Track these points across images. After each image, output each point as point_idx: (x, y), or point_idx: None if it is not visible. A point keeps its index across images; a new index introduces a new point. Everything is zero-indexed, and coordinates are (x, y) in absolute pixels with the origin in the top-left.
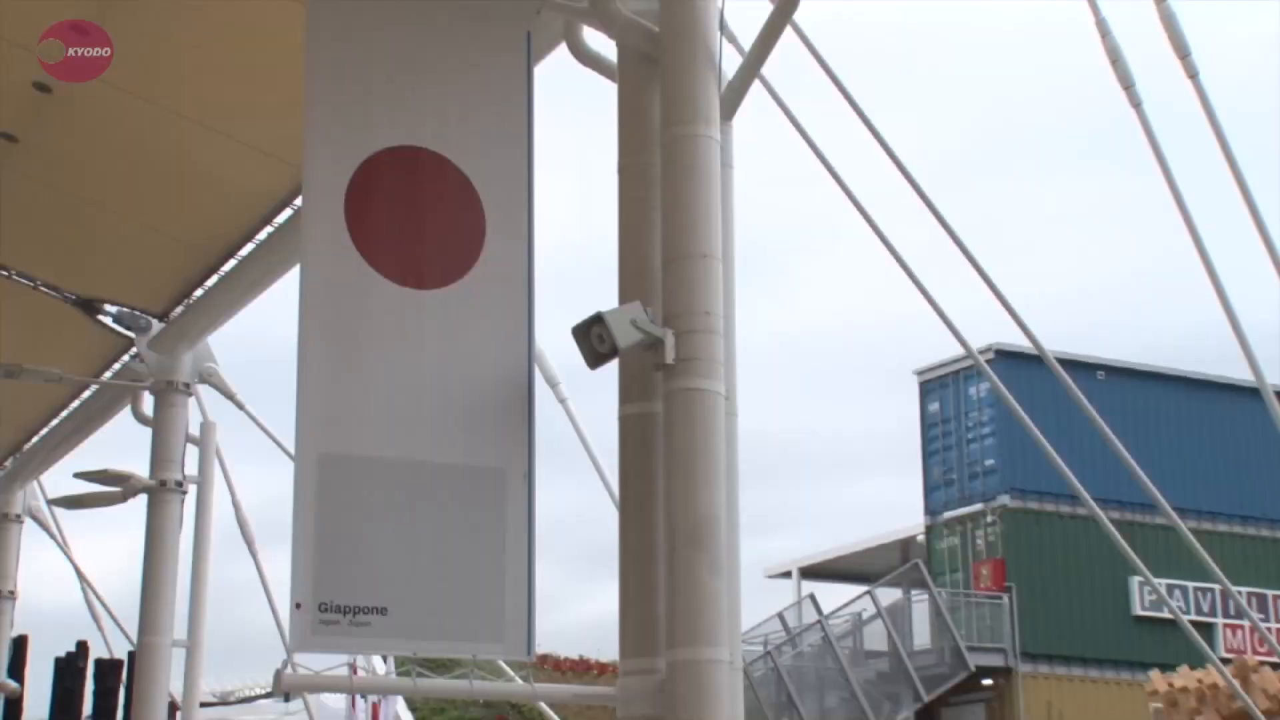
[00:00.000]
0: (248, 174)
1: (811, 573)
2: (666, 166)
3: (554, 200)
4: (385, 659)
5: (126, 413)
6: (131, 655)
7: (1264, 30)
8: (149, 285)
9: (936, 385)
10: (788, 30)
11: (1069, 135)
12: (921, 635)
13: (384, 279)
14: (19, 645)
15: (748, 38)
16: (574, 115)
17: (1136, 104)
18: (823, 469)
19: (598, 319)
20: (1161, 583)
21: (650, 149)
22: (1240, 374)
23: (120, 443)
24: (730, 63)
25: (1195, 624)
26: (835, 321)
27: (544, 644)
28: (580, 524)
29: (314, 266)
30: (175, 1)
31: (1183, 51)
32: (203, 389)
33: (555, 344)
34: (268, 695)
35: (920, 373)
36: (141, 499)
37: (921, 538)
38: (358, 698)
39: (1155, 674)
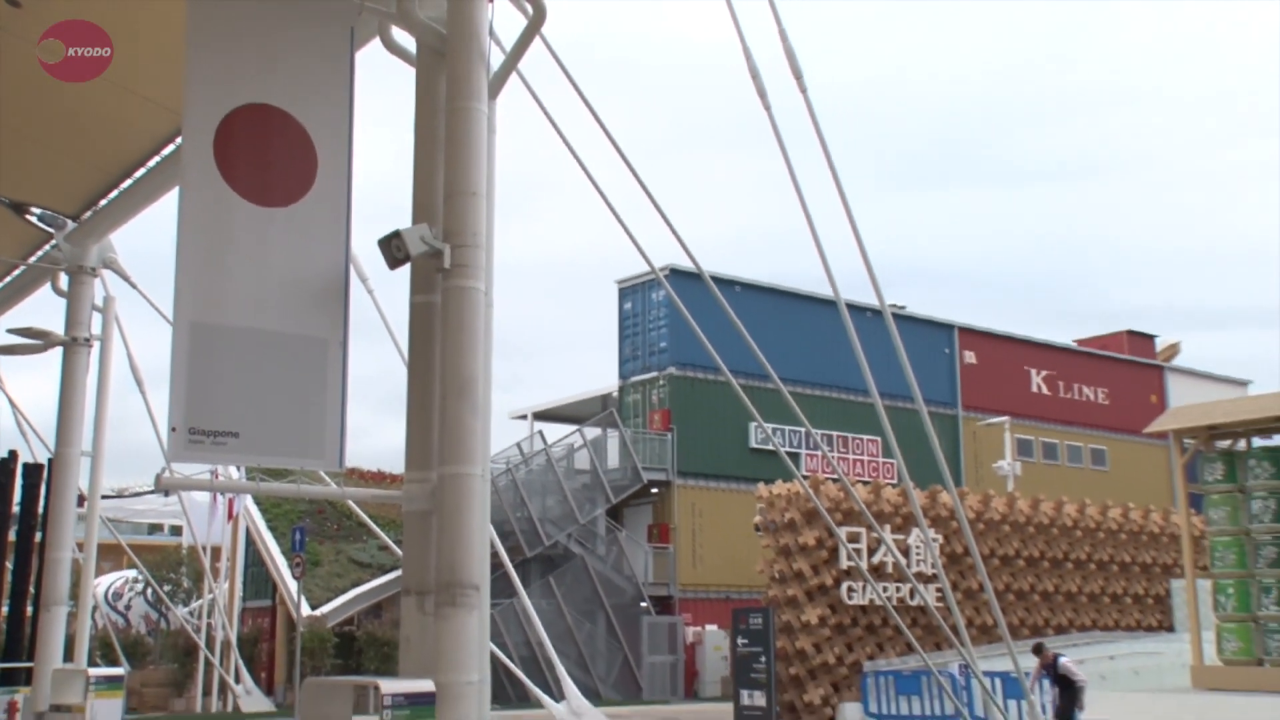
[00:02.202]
0: (142, 116)
1: (540, 416)
2: (449, 130)
3: (374, 149)
4: (238, 468)
5: (47, 288)
6: (50, 461)
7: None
8: (66, 193)
9: (630, 291)
10: (538, 36)
11: (740, 120)
12: (613, 459)
13: (241, 199)
14: None
15: (510, 41)
16: (388, 89)
17: (766, 105)
18: (553, 345)
19: (396, 234)
20: (769, 426)
21: (438, 117)
22: (827, 292)
23: (42, 310)
24: (496, 58)
25: (789, 454)
26: (567, 244)
27: (352, 461)
28: (381, 378)
29: (190, 187)
30: None
31: (797, 72)
32: (106, 272)
33: (368, 251)
34: (151, 492)
35: (620, 282)
36: (58, 350)
37: (615, 394)
38: (217, 495)
39: (761, 486)
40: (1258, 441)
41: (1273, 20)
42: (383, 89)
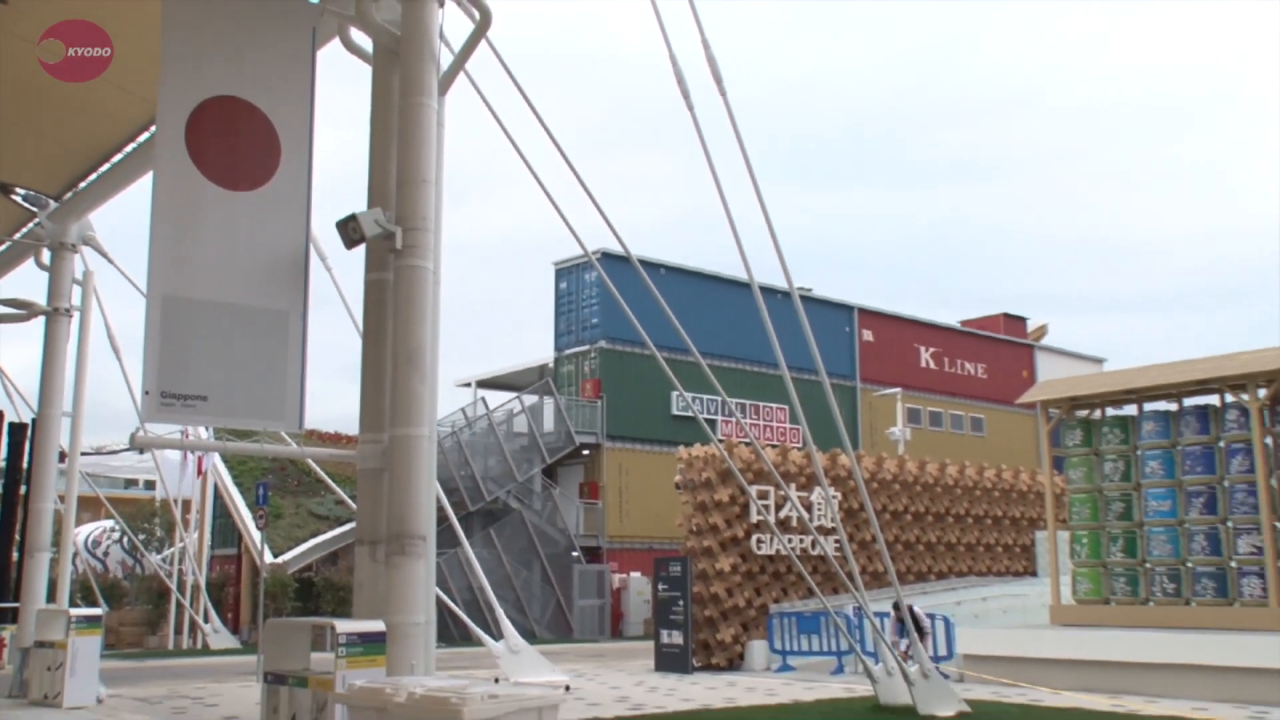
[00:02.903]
0: (120, 106)
1: (483, 383)
2: (402, 123)
3: (334, 139)
4: (207, 428)
5: (31, 262)
6: (34, 421)
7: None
8: (48, 175)
9: (565, 272)
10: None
11: (670, 117)
12: (548, 424)
13: (210, 182)
14: None
15: (459, 42)
16: (347, 85)
17: (690, 106)
18: (496, 320)
19: (352, 217)
20: (689, 395)
21: (392, 111)
22: (742, 275)
23: (26, 283)
24: (446, 58)
25: (707, 420)
26: (511, 228)
27: (311, 423)
28: (338, 347)
29: (163, 171)
30: None
31: (717, 77)
32: (85, 248)
33: (327, 232)
34: (127, 450)
35: (556, 263)
36: (41, 320)
37: (551, 364)
38: (187, 453)
39: (681, 448)
40: (1110, 411)
41: (1134, 38)
42: (342, 85)
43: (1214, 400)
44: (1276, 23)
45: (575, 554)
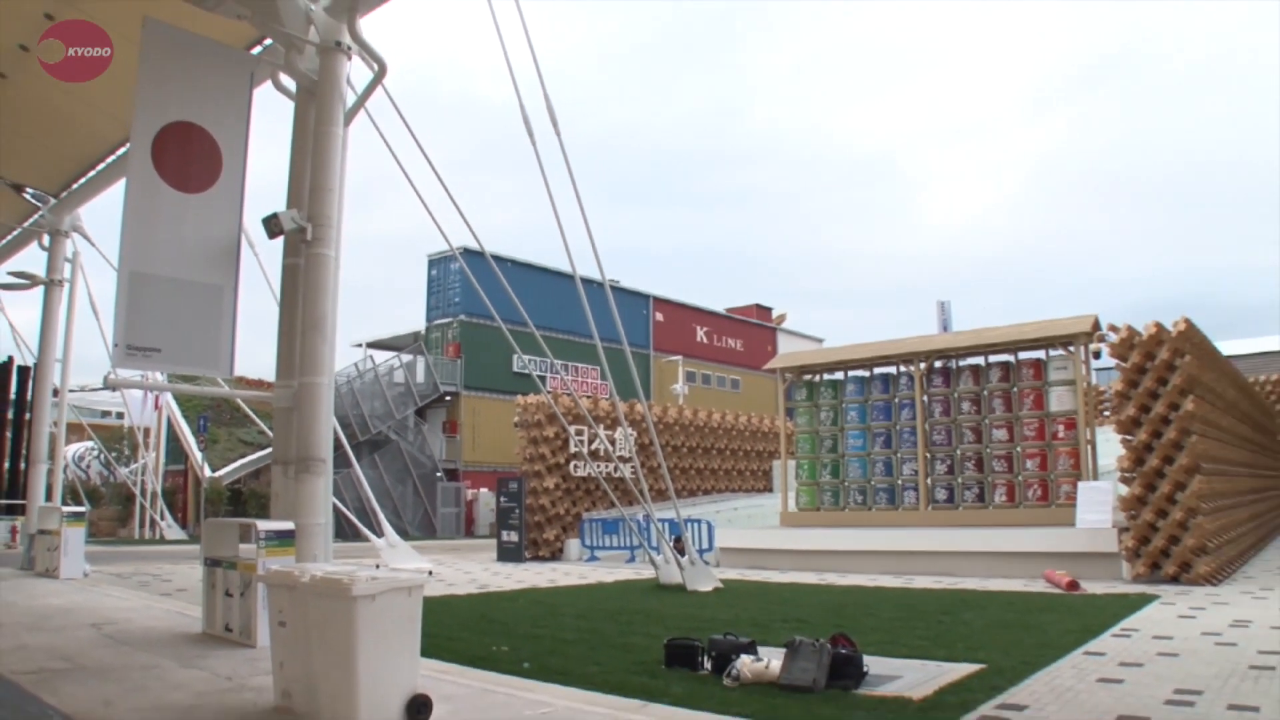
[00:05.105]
0: (104, 125)
1: (372, 344)
2: (315, 145)
3: (267, 157)
4: (162, 373)
5: (35, 246)
6: (35, 365)
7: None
8: (51, 177)
9: (436, 262)
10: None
11: (524, 146)
12: (420, 376)
13: (169, 186)
14: None
15: (361, 85)
16: (278, 116)
17: (534, 143)
18: (382, 296)
19: (274, 215)
20: (527, 357)
21: (308, 136)
22: (568, 268)
23: (32, 260)
24: (351, 97)
25: (539, 376)
26: (400, 226)
27: (240, 371)
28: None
29: (133, 177)
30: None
31: (553, 120)
32: (74, 234)
33: (256, 226)
34: (102, 388)
35: (430, 255)
36: (40, 289)
37: (423, 331)
38: (147, 392)
39: (520, 397)
40: (826, 376)
41: (837, 113)
42: (271, 115)
43: (893, 370)
44: (927, 111)
45: (439, 474)
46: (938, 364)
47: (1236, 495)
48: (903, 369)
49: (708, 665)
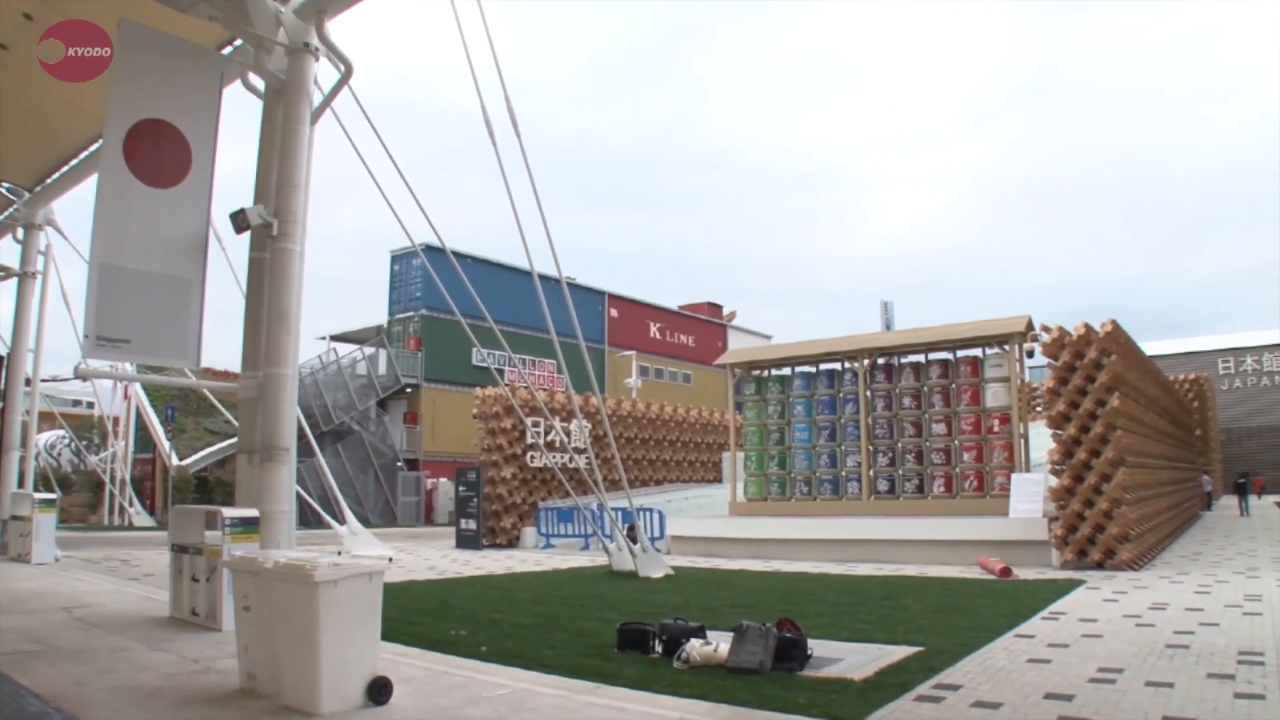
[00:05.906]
0: (78, 122)
1: (335, 337)
2: (282, 144)
3: (232, 153)
4: (131, 364)
5: (9, 239)
6: (8, 355)
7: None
8: (25, 173)
9: (399, 257)
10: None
11: (486, 149)
12: (382, 368)
13: (140, 182)
14: None
15: (328, 85)
16: (248, 113)
17: (495, 145)
18: (346, 290)
19: (241, 211)
20: (485, 351)
21: (276, 134)
22: (526, 265)
23: (6, 253)
24: (318, 98)
25: (497, 370)
26: (365, 223)
27: (207, 362)
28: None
29: (105, 172)
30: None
31: (514, 123)
32: (47, 227)
33: (224, 221)
34: (74, 378)
35: (393, 251)
36: (14, 281)
37: (386, 325)
38: (117, 382)
39: (479, 389)
40: (774, 371)
41: (787, 125)
42: (240, 113)
43: (838, 366)
44: (873, 122)
45: (400, 464)
46: (880, 361)
47: (1157, 486)
48: (847, 365)
49: (659, 649)
